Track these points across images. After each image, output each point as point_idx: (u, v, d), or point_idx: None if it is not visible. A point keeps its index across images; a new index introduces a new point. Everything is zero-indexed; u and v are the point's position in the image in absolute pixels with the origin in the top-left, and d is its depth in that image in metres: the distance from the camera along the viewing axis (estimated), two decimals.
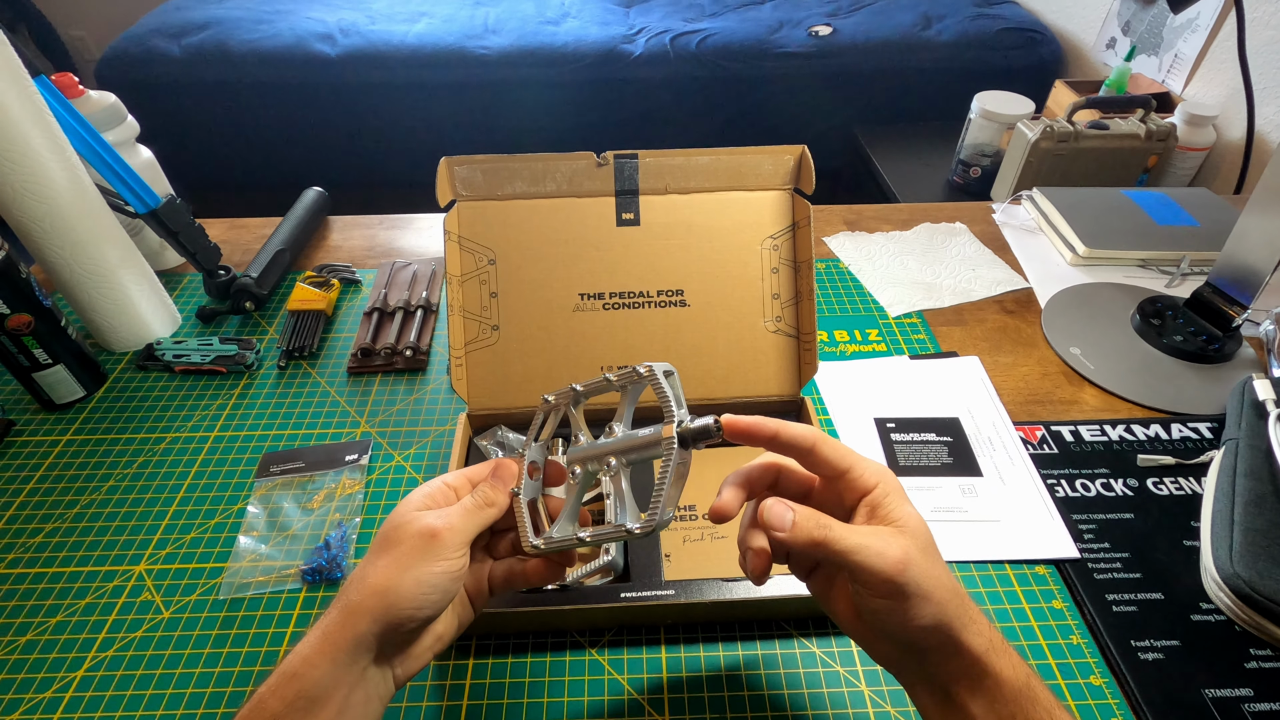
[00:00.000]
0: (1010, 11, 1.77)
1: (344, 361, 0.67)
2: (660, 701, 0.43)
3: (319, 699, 0.31)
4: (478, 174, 0.54)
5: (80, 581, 0.50)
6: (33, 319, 0.57)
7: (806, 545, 0.33)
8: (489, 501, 0.37)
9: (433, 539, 0.34)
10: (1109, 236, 0.80)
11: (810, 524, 0.33)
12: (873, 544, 0.32)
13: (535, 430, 0.41)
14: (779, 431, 0.36)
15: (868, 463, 0.35)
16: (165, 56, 1.64)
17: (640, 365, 0.37)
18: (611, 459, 0.37)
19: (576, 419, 0.40)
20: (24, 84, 0.54)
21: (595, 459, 0.38)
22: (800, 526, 0.33)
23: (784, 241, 0.56)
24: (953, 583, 0.33)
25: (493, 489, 0.37)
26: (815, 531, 0.33)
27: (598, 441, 0.39)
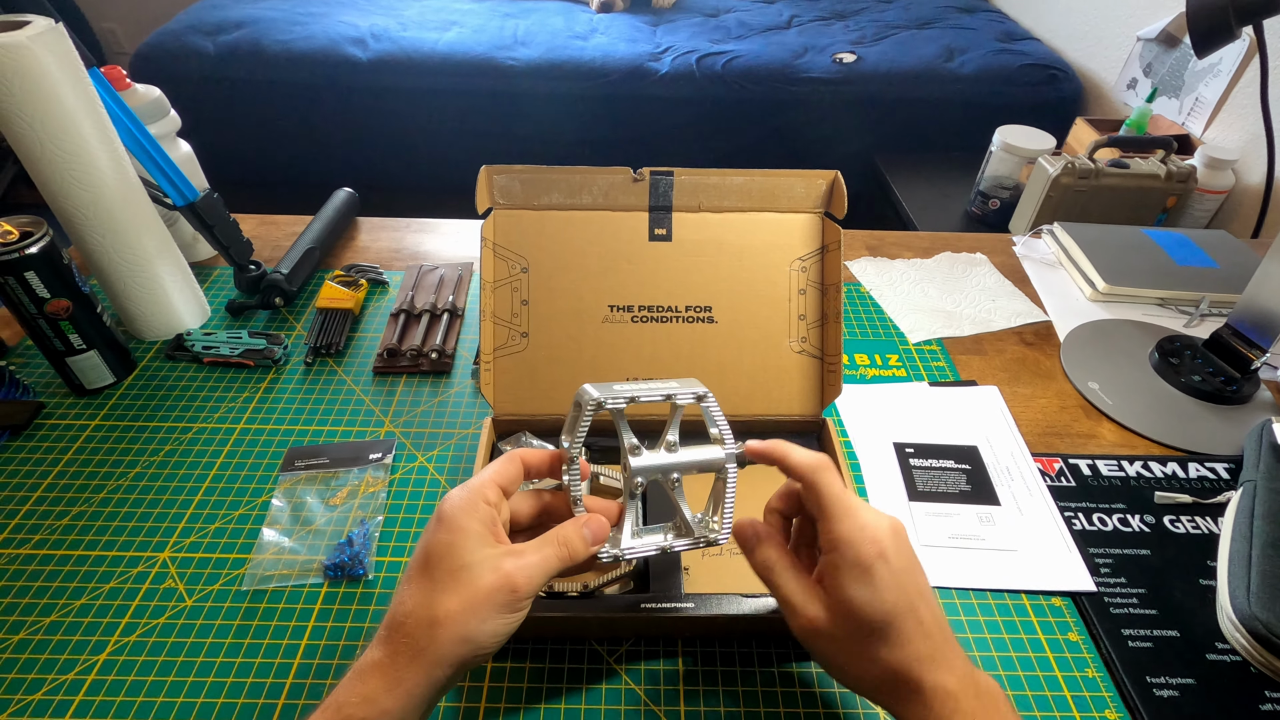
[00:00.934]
0: (1033, 48, 1.79)
1: (370, 361, 0.68)
2: (676, 713, 0.43)
3: None
4: (516, 183, 0.55)
5: (105, 566, 0.50)
6: (71, 304, 0.58)
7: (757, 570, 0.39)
8: (573, 555, 0.35)
9: (513, 593, 0.32)
10: (1129, 274, 0.80)
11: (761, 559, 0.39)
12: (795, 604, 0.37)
13: (577, 428, 0.39)
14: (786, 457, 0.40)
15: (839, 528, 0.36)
16: (200, 53, 1.67)
17: (692, 386, 0.41)
18: (675, 474, 0.40)
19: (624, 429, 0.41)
20: (80, 75, 0.56)
21: (658, 472, 0.40)
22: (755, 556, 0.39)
23: (813, 264, 0.57)
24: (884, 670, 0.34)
25: (579, 538, 0.36)
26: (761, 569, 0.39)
27: (663, 455, 0.40)
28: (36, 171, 0.57)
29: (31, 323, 0.58)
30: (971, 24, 1.92)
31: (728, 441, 0.41)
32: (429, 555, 0.33)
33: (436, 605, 0.32)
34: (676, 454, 0.40)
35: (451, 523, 0.34)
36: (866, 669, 0.35)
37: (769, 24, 1.94)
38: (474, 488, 0.36)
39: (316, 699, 0.43)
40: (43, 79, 0.53)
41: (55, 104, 0.54)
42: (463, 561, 0.32)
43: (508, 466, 0.38)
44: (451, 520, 0.34)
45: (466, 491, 0.35)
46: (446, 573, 0.32)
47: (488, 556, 0.33)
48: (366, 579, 0.50)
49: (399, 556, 0.51)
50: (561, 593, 0.45)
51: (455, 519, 0.34)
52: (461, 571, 0.32)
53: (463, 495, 0.35)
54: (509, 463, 0.38)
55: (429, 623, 0.31)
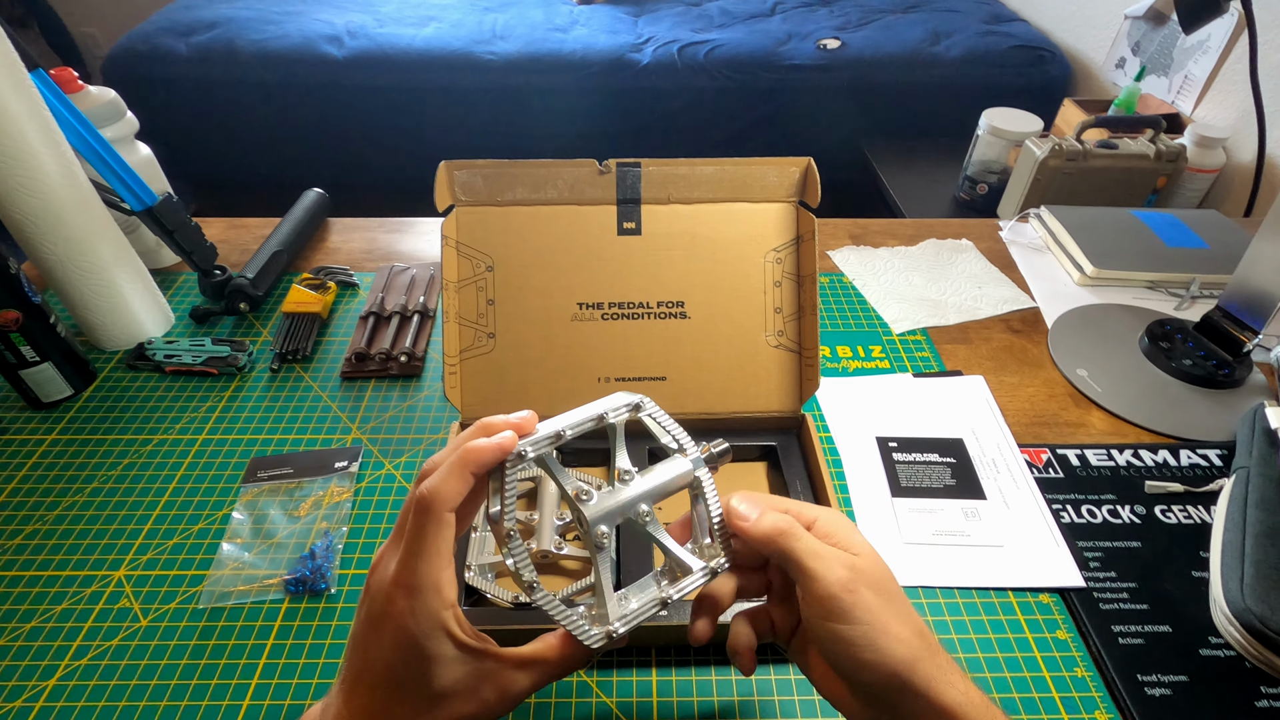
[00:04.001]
0: (1020, 29, 1.77)
1: (338, 366, 0.66)
2: None
3: None
4: (478, 179, 0.53)
5: (58, 586, 0.48)
6: (20, 315, 0.56)
7: (765, 540, 0.32)
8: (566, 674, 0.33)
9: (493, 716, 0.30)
10: (1117, 257, 0.78)
11: (770, 519, 0.33)
12: (828, 556, 0.31)
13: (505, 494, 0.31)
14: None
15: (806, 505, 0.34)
16: (173, 55, 1.65)
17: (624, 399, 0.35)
18: (643, 505, 0.34)
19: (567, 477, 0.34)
20: (20, 78, 0.54)
21: (623, 511, 0.34)
22: (764, 518, 0.33)
23: (787, 255, 0.55)
24: (917, 625, 0.31)
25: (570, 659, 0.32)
26: (780, 521, 0.32)
27: (619, 491, 0.34)
28: None
29: None
30: (958, 6, 1.89)
31: (688, 449, 0.35)
32: (396, 673, 0.29)
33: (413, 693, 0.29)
34: (634, 483, 0.34)
35: (417, 647, 0.29)
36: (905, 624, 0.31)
37: (752, 11, 1.91)
38: (430, 589, 0.29)
39: (275, 718, 0.41)
40: None
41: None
42: (435, 689, 0.29)
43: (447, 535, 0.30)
44: (417, 644, 0.29)
45: (422, 600, 0.29)
46: (424, 700, 0.29)
47: (464, 680, 0.29)
48: (329, 593, 0.48)
49: (363, 569, 0.49)
50: (528, 604, 0.44)
51: (421, 643, 0.29)
52: (440, 701, 0.29)
53: (421, 609, 0.29)
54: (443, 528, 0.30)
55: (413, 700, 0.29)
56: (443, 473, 0.30)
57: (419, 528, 0.29)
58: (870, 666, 0.30)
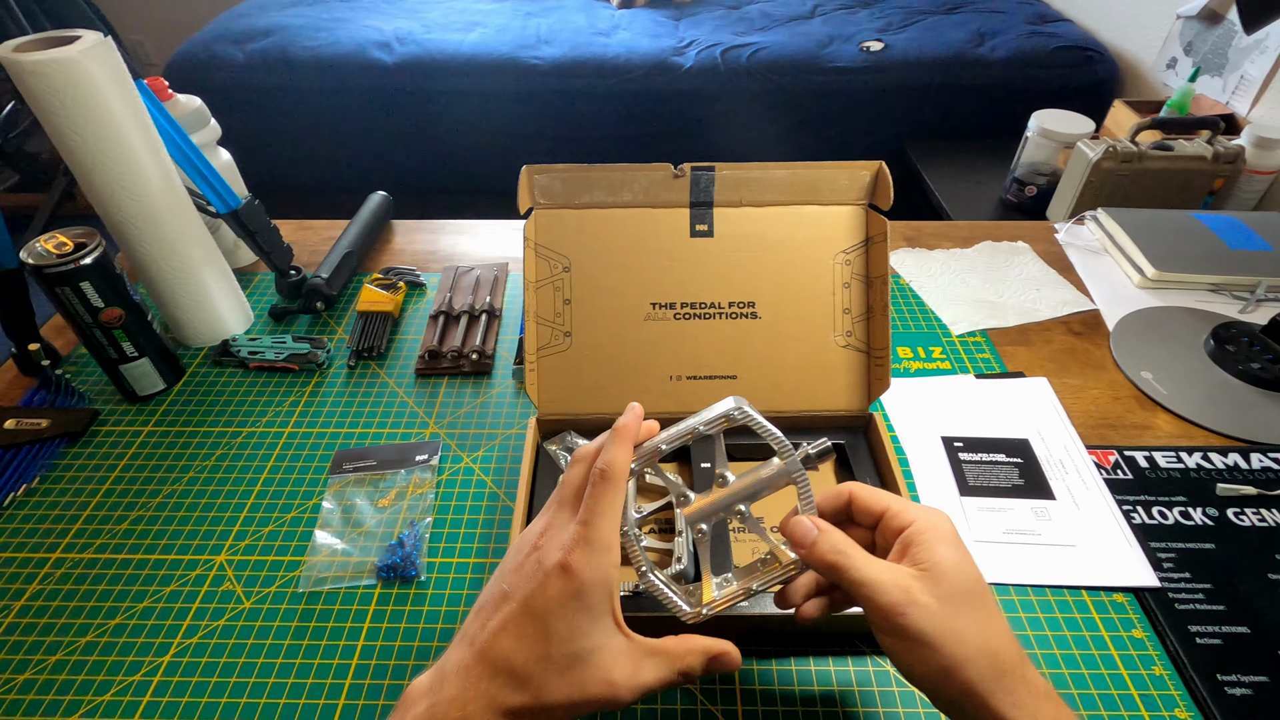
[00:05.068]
0: (1066, 30, 1.75)
1: (411, 363, 0.68)
2: (734, 713, 0.43)
3: None
4: (557, 183, 0.55)
5: (165, 569, 0.51)
6: (124, 313, 0.59)
7: (822, 566, 0.35)
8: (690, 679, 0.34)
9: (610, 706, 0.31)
10: (1179, 260, 0.78)
11: (829, 546, 0.34)
12: (882, 579, 0.32)
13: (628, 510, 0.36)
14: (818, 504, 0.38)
15: (910, 504, 0.36)
16: (229, 62, 1.70)
17: (730, 408, 0.37)
18: (741, 505, 0.38)
19: (669, 480, 0.39)
20: (128, 88, 0.57)
21: (723, 509, 0.38)
22: (819, 547, 0.35)
23: (857, 256, 0.56)
24: (990, 643, 0.31)
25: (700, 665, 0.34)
26: (830, 555, 0.34)
27: (715, 493, 0.38)
28: (88, 183, 0.58)
29: (86, 332, 0.59)
30: (1002, 7, 1.88)
31: (784, 450, 0.37)
32: (551, 621, 0.31)
33: (546, 691, 0.30)
34: (729, 486, 0.37)
35: (584, 597, 0.31)
36: (968, 641, 0.31)
37: (792, 14, 1.92)
38: (608, 548, 0.32)
39: (375, 699, 0.44)
40: (94, 92, 0.54)
41: (105, 116, 0.55)
42: (580, 647, 0.31)
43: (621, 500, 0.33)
44: (584, 594, 0.31)
45: (599, 556, 0.31)
46: (564, 656, 0.31)
47: (604, 650, 0.31)
48: (419, 580, 0.50)
49: (449, 557, 0.52)
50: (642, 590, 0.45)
51: (588, 595, 0.31)
52: (577, 663, 0.31)
53: (597, 564, 0.31)
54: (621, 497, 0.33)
55: (533, 699, 0.30)
56: (612, 447, 0.34)
57: (600, 494, 0.33)
58: (923, 679, 0.32)
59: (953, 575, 0.33)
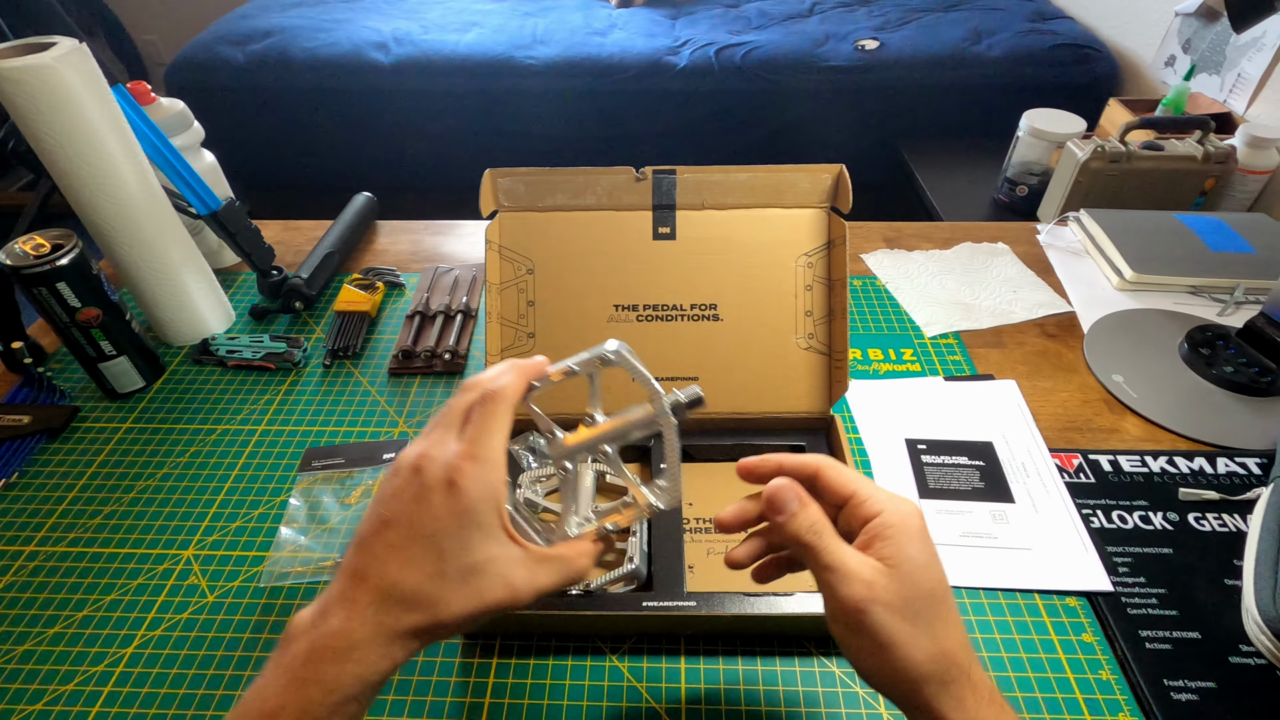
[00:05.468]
0: (1065, 27, 1.73)
1: (385, 363, 0.69)
2: (678, 711, 0.43)
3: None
4: (520, 186, 0.56)
5: (134, 563, 0.52)
6: (101, 312, 0.61)
7: (793, 540, 0.34)
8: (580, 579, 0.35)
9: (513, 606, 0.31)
10: (1158, 261, 0.77)
11: (806, 523, 0.33)
12: (849, 569, 0.32)
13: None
14: (781, 464, 0.36)
15: (880, 492, 0.34)
16: (230, 63, 1.72)
17: (605, 350, 0.37)
18: (607, 446, 0.37)
19: (541, 416, 0.39)
20: (104, 93, 0.58)
21: (587, 449, 0.37)
22: (797, 520, 0.34)
23: (819, 259, 0.56)
24: (943, 648, 0.31)
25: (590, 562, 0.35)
26: (807, 534, 0.33)
27: (582, 433, 0.37)
28: (66, 186, 0.60)
29: (65, 331, 0.60)
30: (1000, 4, 1.87)
31: (655, 395, 0.36)
32: (440, 539, 0.30)
33: (442, 606, 0.30)
34: (599, 424, 0.37)
35: (472, 511, 0.30)
36: (921, 645, 0.31)
37: (790, 12, 1.91)
38: (495, 463, 0.32)
39: None
40: (69, 98, 0.55)
41: (81, 121, 0.56)
42: (475, 560, 0.30)
43: (509, 421, 0.33)
44: (472, 508, 0.30)
45: (486, 469, 0.31)
46: (458, 570, 0.30)
47: (499, 560, 0.31)
48: None
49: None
50: (564, 591, 0.46)
51: (477, 508, 0.30)
52: (472, 575, 0.30)
53: (483, 476, 0.31)
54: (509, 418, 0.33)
55: (430, 618, 0.30)
56: (506, 374, 0.34)
57: (488, 413, 0.32)
58: (870, 674, 0.32)
59: (917, 576, 0.32)
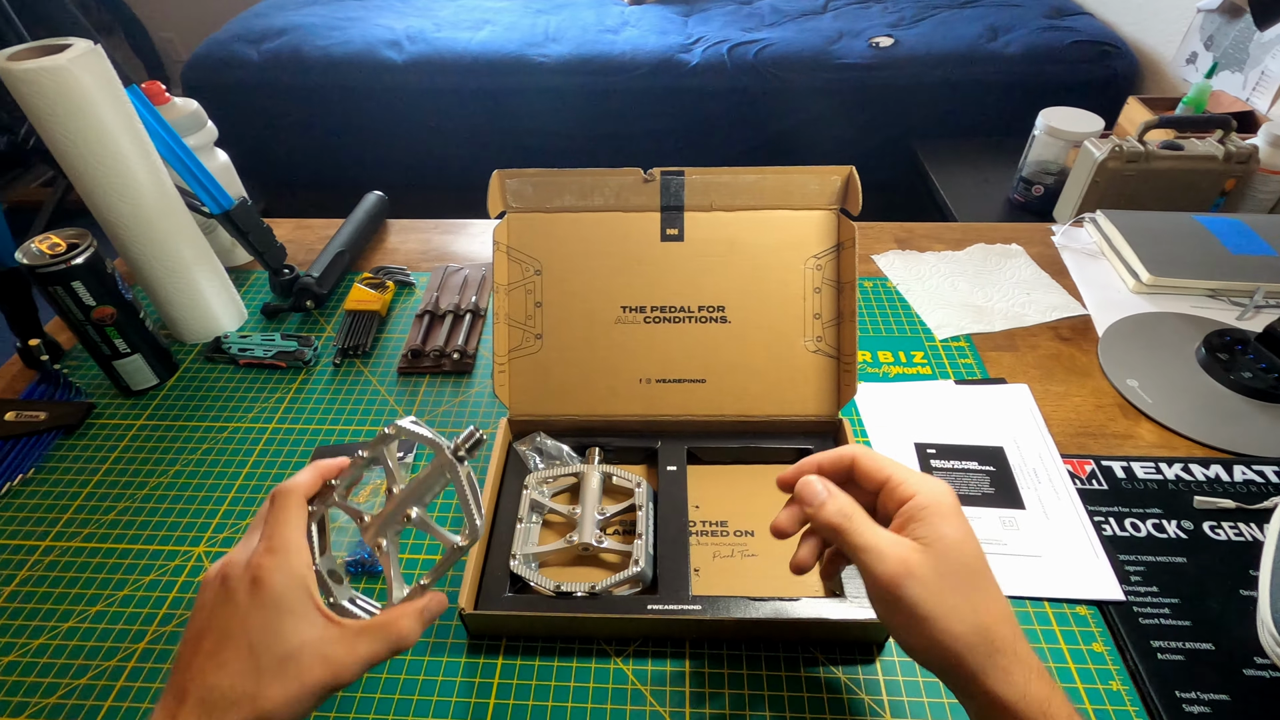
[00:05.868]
0: (1084, 23, 1.71)
1: (395, 362, 0.69)
2: (682, 716, 0.43)
3: None
4: (528, 187, 0.56)
5: (146, 559, 0.53)
6: (115, 311, 0.61)
7: (826, 527, 0.36)
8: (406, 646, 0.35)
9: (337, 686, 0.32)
10: (1176, 264, 0.76)
11: (835, 508, 0.36)
12: (882, 548, 0.33)
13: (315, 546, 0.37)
14: (820, 463, 0.39)
15: (913, 475, 0.36)
16: (245, 61, 1.73)
17: (388, 427, 0.39)
18: (412, 510, 0.39)
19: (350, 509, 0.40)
20: (118, 94, 0.59)
21: (394, 520, 0.39)
22: (826, 508, 0.36)
23: (828, 261, 0.56)
24: (983, 620, 0.32)
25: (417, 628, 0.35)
26: (836, 517, 0.35)
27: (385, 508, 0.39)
28: (81, 185, 0.60)
29: (80, 329, 0.61)
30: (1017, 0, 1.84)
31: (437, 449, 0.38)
32: (251, 634, 0.31)
33: (262, 698, 0.30)
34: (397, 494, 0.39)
35: (278, 601, 0.32)
36: (962, 617, 0.32)
37: (804, 9, 1.90)
38: (293, 550, 0.34)
39: None
40: (83, 99, 0.56)
41: (95, 122, 0.57)
42: (289, 647, 0.31)
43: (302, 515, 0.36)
44: (277, 598, 0.32)
45: (286, 558, 0.33)
46: (273, 660, 0.31)
47: (314, 642, 0.32)
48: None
49: (416, 554, 0.53)
50: (569, 593, 0.46)
51: (282, 597, 0.32)
52: (289, 661, 0.31)
53: (284, 566, 0.33)
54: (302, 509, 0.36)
55: (252, 712, 0.30)
56: (301, 476, 0.38)
57: (278, 508, 0.35)
58: (915, 650, 0.34)
59: (953, 552, 0.33)
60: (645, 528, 0.50)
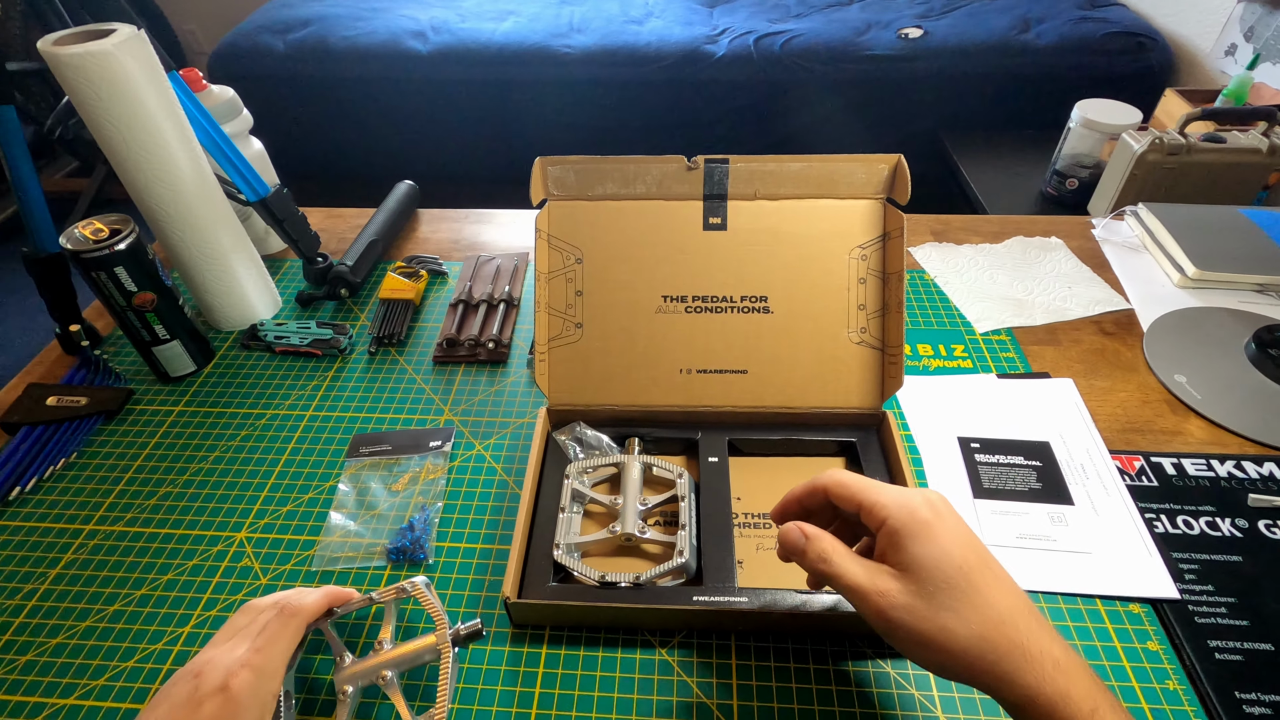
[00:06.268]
0: (1118, 14, 1.67)
1: (430, 350, 0.69)
2: (729, 707, 0.43)
3: None
4: (570, 174, 0.55)
5: (189, 544, 0.53)
6: (156, 297, 0.62)
7: (812, 572, 0.37)
8: None
9: None
10: (1223, 258, 0.74)
11: (815, 554, 0.36)
12: (861, 585, 0.34)
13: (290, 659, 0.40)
14: (800, 499, 0.40)
15: (884, 495, 0.36)
16: (271, 52, 1.74)
17: (405, 581, 0.43)
18: (387, 672, 0.41)
19: (334, 639, 0.43)
20: (161, 80, 0.59)
21: (368, 675, 0.41)
22: (807, 555, 0.37)
23: (873, 251, 0.55)
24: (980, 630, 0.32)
25: None
26: (818, 564, 0.36)
27: (369, 659, 0.41)
28: (123, 171, 0.60)
29: (121, 315, 0.62)
30: None
31: (441, 625, 0.41)
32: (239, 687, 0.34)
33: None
34: (384, 651, 0.41)
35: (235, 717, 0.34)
36: (956, 634, 0.32)
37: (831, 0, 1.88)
38: (272, 675, 0.36)
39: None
40: (128, 84, 0.56)
41: (139, 107, 0.57)
42: None
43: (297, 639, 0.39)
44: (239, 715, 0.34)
45: (262, 681, 0.35)
46: None
47: None
48: (427, 563, 0.51)
49: (458, 542, 0.53)
50: (614, 583, 0.46)
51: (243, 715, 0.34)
52: None
53: (259, 689, 0.35)
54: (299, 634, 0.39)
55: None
56: (308, 594, 0.40)
57: (280, 625, 0.38)
58: (929, 666, 0.34)
59: (932, 572, 0.33)
60: (689, 519, 0.49)
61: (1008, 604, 0.33)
